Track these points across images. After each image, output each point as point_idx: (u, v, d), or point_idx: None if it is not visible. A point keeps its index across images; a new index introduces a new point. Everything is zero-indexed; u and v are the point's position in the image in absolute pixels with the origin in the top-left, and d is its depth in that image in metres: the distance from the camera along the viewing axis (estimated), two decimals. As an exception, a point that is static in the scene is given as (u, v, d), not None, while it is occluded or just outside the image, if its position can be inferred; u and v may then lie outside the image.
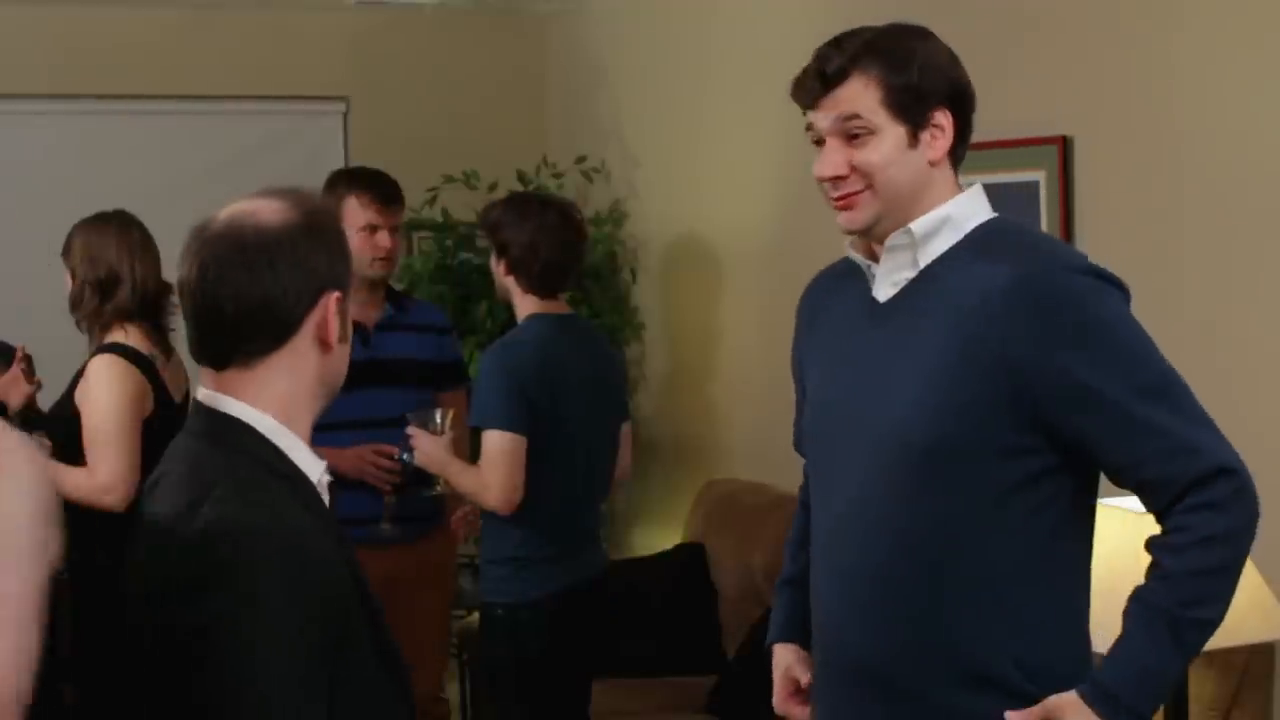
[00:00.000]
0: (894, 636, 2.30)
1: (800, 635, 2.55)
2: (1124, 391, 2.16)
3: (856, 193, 2.27)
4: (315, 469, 2.05)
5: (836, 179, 2.27)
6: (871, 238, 2.33)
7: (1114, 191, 3.83)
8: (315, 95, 6.18)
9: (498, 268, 3.86)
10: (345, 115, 6.22)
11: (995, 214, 2.34)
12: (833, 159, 2.27)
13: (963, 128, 2.31)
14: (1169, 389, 2.20)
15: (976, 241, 2.28)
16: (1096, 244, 3.87)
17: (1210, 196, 3.57)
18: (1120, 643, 2.19)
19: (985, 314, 2.19)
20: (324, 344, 2.00)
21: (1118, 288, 2.25)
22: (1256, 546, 3.08)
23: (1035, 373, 2.17)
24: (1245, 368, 3.50)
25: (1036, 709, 2.21)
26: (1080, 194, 3.90)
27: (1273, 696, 3.42)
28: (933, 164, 2.28)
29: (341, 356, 2.04)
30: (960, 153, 2.33)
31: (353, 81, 6.21)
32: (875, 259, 2.36)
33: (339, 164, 5.80)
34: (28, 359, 4.06)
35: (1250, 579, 3.04)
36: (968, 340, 2.20)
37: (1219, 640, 2.99)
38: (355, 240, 4.21)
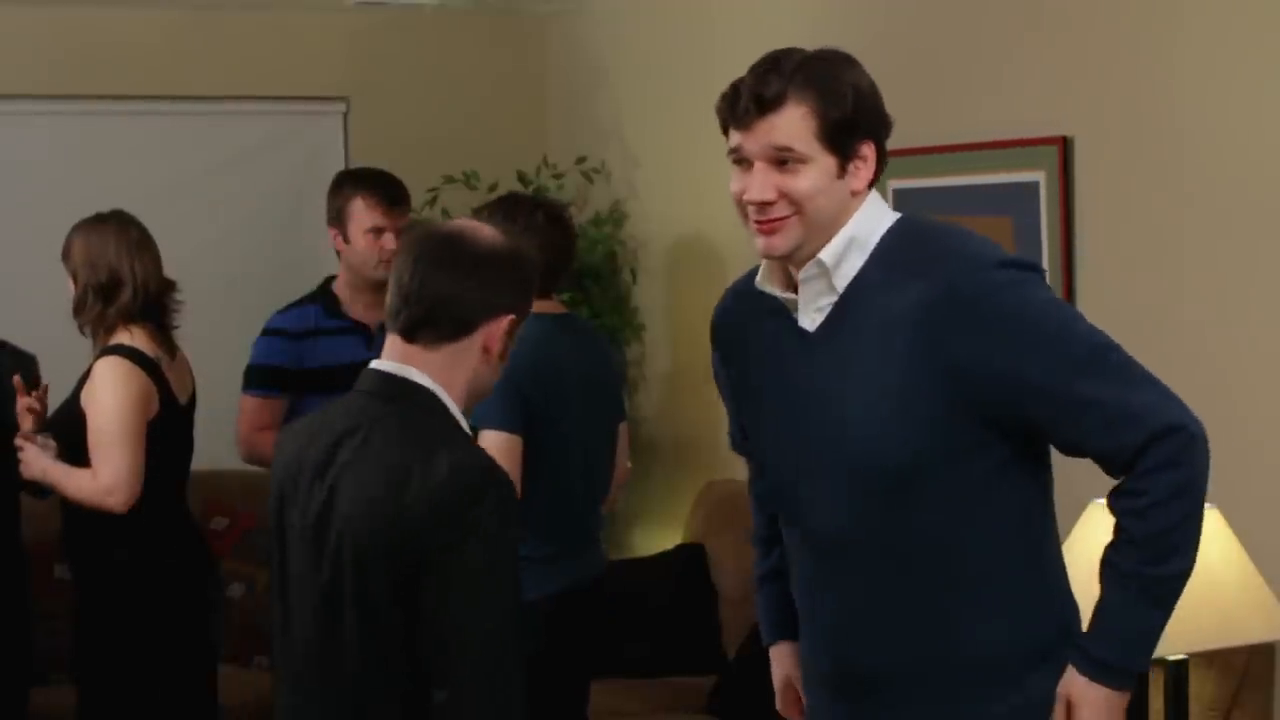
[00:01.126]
0: (903, 647, 2.35)
1: (793, 631, 2.60)
2: (1056, 374, 2.22)
3: (783, 218, 2.30)
4: None
5: (764, 204, 2.29)
6: (789, 262, 2.36)
7: (1114, 191, 3.84)
8: (315, 95, 6.15)
9: None
10: (345, 115, 6.20)
11: (896, 215, 2.37)
12: (763, 184, 2.29)
13: (880, 157, 2.35)
14: (1099, 360, 2.24)
15: (887, 253, 2.32)
16: (1096, 244, 3.88)
17: (1210, 196, 3.57)
18: (1101, 610, 2.26)
19: (918, 325, 2.24)
20: (486, 352, 2.35)
21: (1035, 272, 2.31)
22: (1257, 547, 3.10)
23: (973, 373, 2.23)
24: (1245, 367, 3.50)
25: (1058, 709, 2.28)
26: (1080, 194, 3.90)
27: (1273, 697, 3.43)
28: (854, 193, 2.32)
29: (493, 370, 2.38)
30: (877, 179, 2.36)
31: (353, 81, 6.19)
32: (790, 282, 2.39)
33: (339, 164, 5.78)
34: (44, 394, 3.97)
35: (1250, 579, 3.05)
36: (908, 354, 2.25)
37: (1219, 640, 3.02)
38: (361, 242, 4.24)
